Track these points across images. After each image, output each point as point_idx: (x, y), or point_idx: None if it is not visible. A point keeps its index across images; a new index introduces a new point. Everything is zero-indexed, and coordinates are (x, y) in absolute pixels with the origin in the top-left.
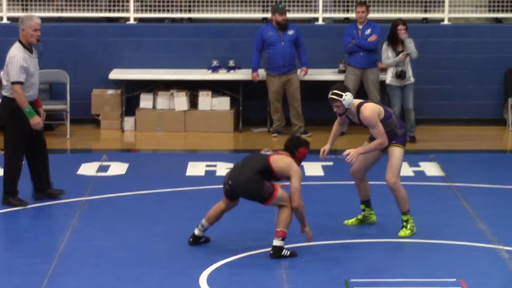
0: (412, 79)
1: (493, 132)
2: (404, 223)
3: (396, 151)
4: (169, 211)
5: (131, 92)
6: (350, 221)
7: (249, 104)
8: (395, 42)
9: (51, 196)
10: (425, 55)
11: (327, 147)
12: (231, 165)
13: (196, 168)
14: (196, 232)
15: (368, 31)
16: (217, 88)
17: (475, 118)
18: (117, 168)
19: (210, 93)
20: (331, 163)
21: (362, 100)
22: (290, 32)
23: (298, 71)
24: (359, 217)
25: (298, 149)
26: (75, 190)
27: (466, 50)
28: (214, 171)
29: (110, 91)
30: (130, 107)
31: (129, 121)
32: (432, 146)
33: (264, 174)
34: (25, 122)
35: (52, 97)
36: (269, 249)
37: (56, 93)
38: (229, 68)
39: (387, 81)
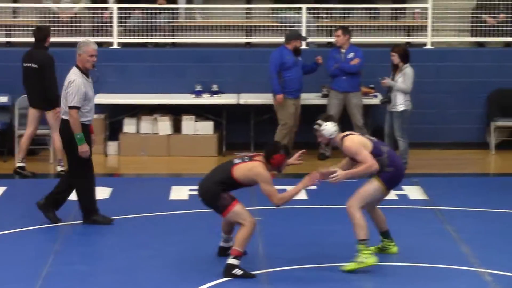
0: (398, 108)
1: (476, 155)
2: (356, 253)
3: (372, 182)
4: (153, 236)
5: (114, 117)
6: (372, 248)
7: (232, 128)
8: (394, 67)
9: (95, 222)
10: None
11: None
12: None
13: (179, 192)
14: (221, 244)
15: (351, 55)
16: (200, 112)
17: (458, 141)
18: (101, 193)
19: (193, 117)
20: (314, 187)
21: (349, 132)
22: (300, 58)
23: None
24: (379, 246)
25: (272, 156)
26: (59, 215)
27: (449, 74)
28: (197, 196)
29: (94, 116)
30: (113, 131)
31: (112, 146)
32: (415, 170)
33: (226, 184)
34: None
35: None
36: (259, 271)
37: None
38: (212, 93)
39: None
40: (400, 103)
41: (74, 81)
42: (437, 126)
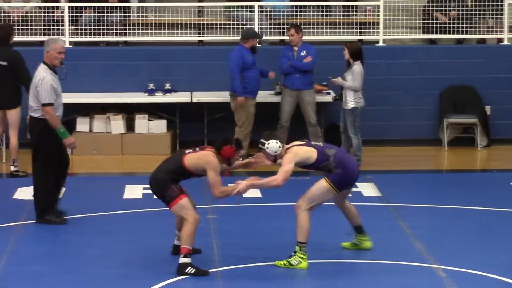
0: (348, 105)
1: (429, 152)
2: (292, 253)
3: (321, 183)
4: (106, 235)
5: (67, 116)
6: (346, 244)
7: (186, 126)
8: (347, 64)
9: (48, 222)
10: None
11: None
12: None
13: (133, 191)
14: (175, 242)
15: (303, 53)
16: (153, 111)
17: (411, 138)
18: None
19: (146, 116)
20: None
21: (295, 143)
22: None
23: None
24: (354, 241)
25: (222, 147)
26: (11, 215)
27: (401, 71)
28: (151, 194)
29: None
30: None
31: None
32: (369, 167)
33: (177, 173)
34: (56, 142)
35: None
36: (214, 270)
37: None
38: (165, 91)
39: None
40: (350, 100)
41: (44, 78)
42: (390, 123)
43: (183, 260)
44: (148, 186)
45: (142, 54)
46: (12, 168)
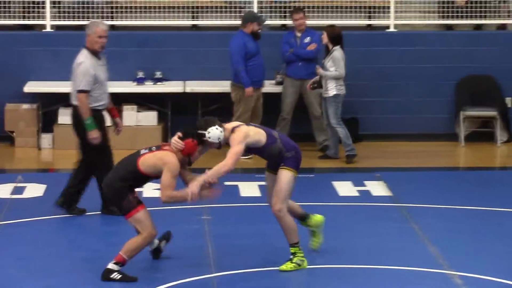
0: (330, 93)
1: (444, 148)
2: (291, 256)
3: (284, 175)
4: (91, 237)
5: (48, 107)
6: (313, 242)
7: (178, 119)
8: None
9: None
10: (369, 65)
11: None
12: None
13: None
14: (149, 247)
15: (307, 39)
16: (143, 101)
17: (424, 133)
18: (34, 190)
19: (135, 107)
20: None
21: (240, 123)
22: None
23: None
24: (311, 235)
25: (182, 141)
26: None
27: (414, 60)
28: (140, 192)
29: (25, 106)
30: (47, 123)
31: (46, 138)
32: (378, 163)
33: (133, 179)
34: (100, 131)
35: None
36: (208, 276)
37: None
38: (156, 80)
39: None
40: (331, 87)
41: (82, 63)
42: (401, 115)
43: (112, 266)
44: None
45: (130, 39)
46: None
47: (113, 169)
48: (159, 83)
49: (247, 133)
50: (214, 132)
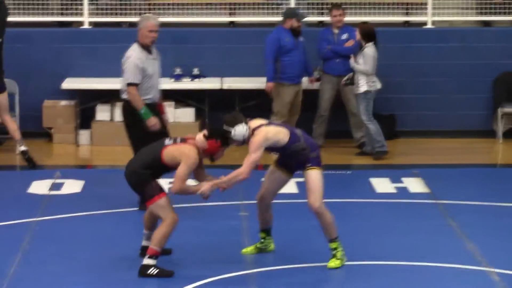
0: (361, 89)
1: (482, 144)
2: (334, 252)
3: (313, 174)
4: (129, 233)
5: (86, 103)
6: (248, 249)
7: (215, 115)
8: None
9: None
10: (406, 61)
11: None
12: (195, 182)
13: None
14: (144, 243)
15: (345, 36)
16: (180, 98)
17: (462, 129)
18: (72, 186)
19: (173, 103)
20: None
21: (262, 123)
22: (301, 39)
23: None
24: (258, 245)
25: (206, 141)
26: (26, 211)
27: (451, 56)
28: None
29: (63, 102)
30: (85, 119)
31: (84, 135)
32: (415, 160)
33: (155, 167)
34: (145, 126)
35: None
36: (246, 272)
37: None
38: (193, 77)
39: None
40: (362, 84)
41: (130, 57)
42: (439, 112)
43: (148, 261)
44: (171, 180)
45: (168, 36)
46: (22, 148)
47: (136, 156)
48: (196, 79)
49: (265, 136)
50: (239, 130)
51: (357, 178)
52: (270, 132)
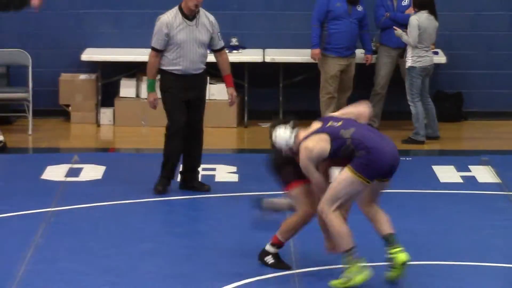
0: (409, 63)
1: None
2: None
3: (342, 173)
4: (155, 225)
5: (108, 77)
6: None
7: (256, 92)
8: None
9: (196, 189)
10: (475, 32)
11: None
12: (233, 168)
13: None
14: None
15: (405, 2)
16: (216, 72)
17: None
18: (91, 172)
19: (207, 78)
20: None
21: (312, 131)
22: (359, 8)
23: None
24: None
25: None
26: (39, 199)
27: None
28: (213, 176)
29: (82, 76)
30: (107, 96)
31: (106, 114)
32: (485, 145)
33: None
34: (177, 97)
35: (11, 83)
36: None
37: (16, 79)
38: (231, 48)
39: None
40: (408, 58)
41: (158, 20)
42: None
43: (268, 247)
44: (207, 167)
45: (203, 1)
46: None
47: None
48: (235, 51)
49: (307, 155)
50: (280, 134)
51: (418, 166)
52: (308, 147)
